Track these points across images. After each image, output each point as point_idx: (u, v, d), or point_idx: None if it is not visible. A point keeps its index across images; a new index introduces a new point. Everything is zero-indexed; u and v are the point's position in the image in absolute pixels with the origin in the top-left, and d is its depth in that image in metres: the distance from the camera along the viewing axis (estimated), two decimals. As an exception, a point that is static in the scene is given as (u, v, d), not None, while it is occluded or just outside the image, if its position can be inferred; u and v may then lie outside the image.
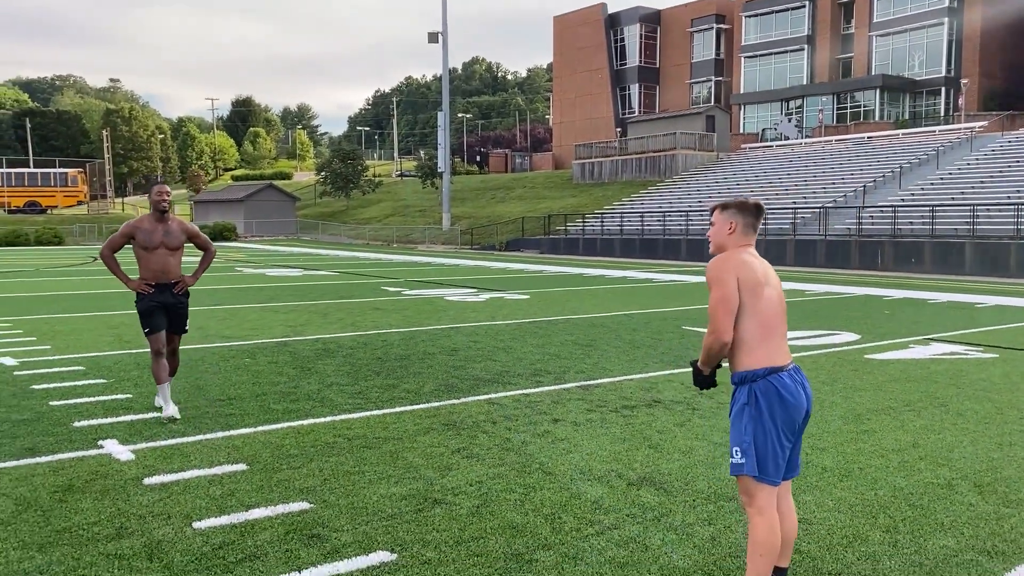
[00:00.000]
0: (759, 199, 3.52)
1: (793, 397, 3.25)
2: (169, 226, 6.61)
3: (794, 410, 3.26)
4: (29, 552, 3.84)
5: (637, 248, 36.27)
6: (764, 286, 3.29)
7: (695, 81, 63.22)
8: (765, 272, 3.35)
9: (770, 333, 3.28)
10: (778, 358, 3.28)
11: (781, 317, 3.36)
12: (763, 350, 3.26)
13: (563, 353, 9.63)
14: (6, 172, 62.57)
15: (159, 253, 6.55)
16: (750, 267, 3.29)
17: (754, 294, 3.27)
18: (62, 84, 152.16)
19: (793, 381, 3.28)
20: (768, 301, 3.29)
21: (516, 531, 4.16)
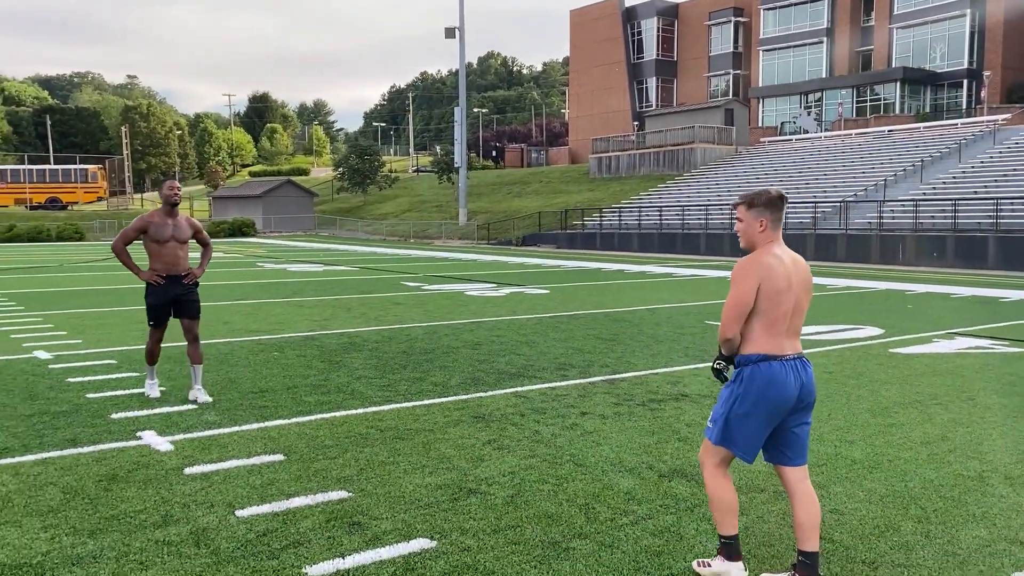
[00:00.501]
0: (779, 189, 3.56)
1: (780, 384, 3.40)
2: (178, 220, 6.89)
3: (779, 396, 3.41)
4: (81, 538, 3.96)
5: (655, 243, 36.24)
6: (785, 292, 3.42)
7: (713, 74, 62.96)
8: (789, 276, 3.45)
9: (774, 329, 3.44)
10: (777, 348, 3.45)
11: (794, 315, 3.49)
12: (763, 341, 3.44)
13: (587, 347, 9.69)
14: (28, 168, 63.28)
15: (170, 246, 6.81)
16: (775, 275, 3.42)
17: (772, 301, 3.42)
18: (81, 81, 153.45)
19: (786, 370, 3.43)
20: (784, 306, 3.43)
21: (551, 520, 4.24)
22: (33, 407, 6.57)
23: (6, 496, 4.52)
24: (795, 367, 3.46)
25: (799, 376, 3.46)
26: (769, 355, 3.44)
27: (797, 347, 3.52)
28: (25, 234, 45.14)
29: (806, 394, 3.49)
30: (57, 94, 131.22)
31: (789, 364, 3.45)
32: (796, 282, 3.48)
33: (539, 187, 56.72)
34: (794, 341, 3.52)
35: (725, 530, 3.56)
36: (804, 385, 3.48)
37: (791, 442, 3.56)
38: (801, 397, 3.47)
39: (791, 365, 3.45)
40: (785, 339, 3.47)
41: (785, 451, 3.58)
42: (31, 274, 21.64)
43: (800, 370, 3.48)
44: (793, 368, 3.45)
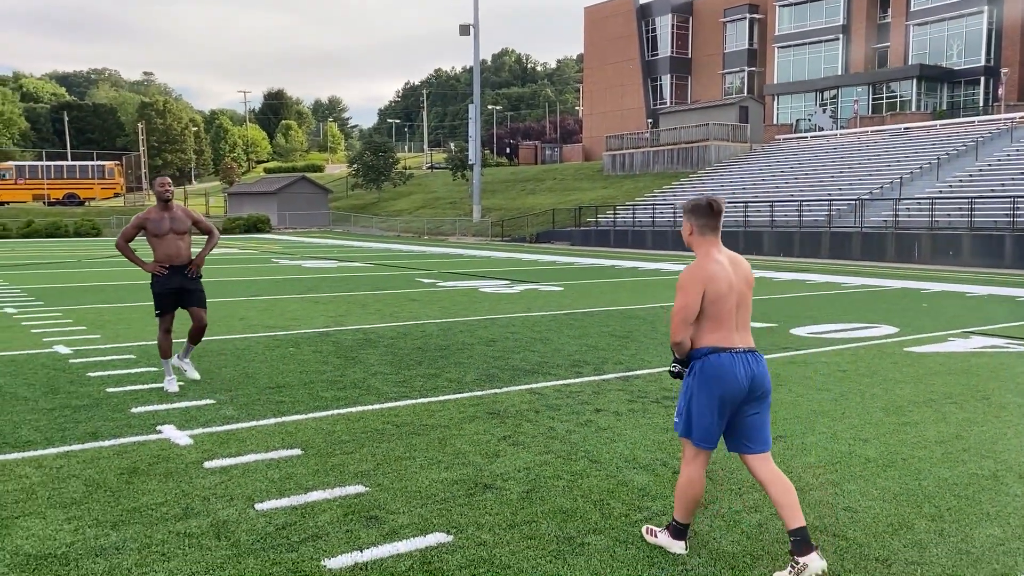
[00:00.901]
0: (715, 198, 3.82)
1: (730, 375, 3.63)
2: (174, 213, 7.22)
3: (729, 386, 3.63)
4: (104, 530, 4.03)
5: (669, 240, 36.17)
6: (727, 294, 3.67)
7: (728, 72, 62.72)
8: (729, 278, 3.68)
9: (720, 326, 3.68)
10: (725, 342, 3.68)
11: (737, 312, 3.72)
12: (712, 336, 3.69)
13: (601, 344, 9.72)
14: (46, 165, 63.79)
15: (169, 239, 7.15)
16: (717, 280, 3.66)
17: (716, 305, 3.67)
18: (98, 78, 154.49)
19: (734, 362, 3.65)
20: (727, 305, 3.68)
21: (567, 516, 4.28)
22: (54, 401, 6.66)
23: (30, 488, 4.60)
24: (745, 359, 3.67)
25: (749, 368, 3.67)
26: (718, 348, 3.67)
27: (748, 341, 3.74)
28: (43, 230, 45.53)
29: (757, 385, 3.69)
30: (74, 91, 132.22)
31: (739, 356, 3.67)
32: (736, 281, 3.71)
33: (553, 184, 56.71)
34: (744, 335, 3.73)
35: (680, 517, 3.85)
36: (755, 376, 3.68)
37: (748, 431, 3.76)
38: (752, 388, 3.68)
39: (741, 358, 3.67)
40: (734, 333, 3.70)
41: (744, 440, 3.78)
42: (49, 269, 21.86)
43: (751, 362, 3.69)
44: (743, 360, 3.67)
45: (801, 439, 5.76)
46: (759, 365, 3.72)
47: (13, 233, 44.63)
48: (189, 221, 7.32)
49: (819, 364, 8.59)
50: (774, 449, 5.47)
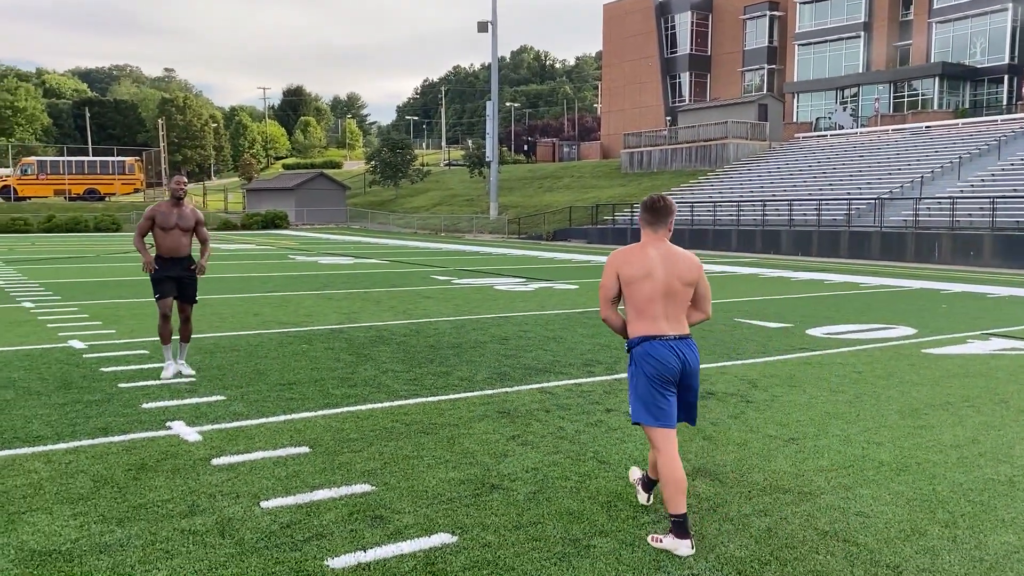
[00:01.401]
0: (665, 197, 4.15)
1: (661, 358, 3.93)
2: (183, 211, 7.64)
3: (662, 368, 3.94)
4: (109, 526, 4.03)
5: (687, 239, 35.97)
6: (643, 280, 3.94)
7: (747, 69, 62.31)
8: (650, 267, 3.95)
9: (644, 314, 3.97)
10: (653, 330, 3.97)
11: (659, 301, 3.96)
12: (639, 325, 4.00)
13: (614, 343, 9.65)
14: (67, 160, 64.35)
15: (174, 233, 7.57)
16: (632, 265, 3.97)
17: (630, 287, 3.97)
18: (119, 74, 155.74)
19: (664, 347, 3.95)
20: (643, 291, 3.95)
21: (573, 517, 4.24)
22: (67, 396, 6.69)
23: (38, 483, 4.62)
24: (674, 346, 3.97)
25: (679, 353, 3.97)
26: (647, 336, 3.97)
27: (680, 329, 4.01)
28: (64, 224, 45.95)
29: (689, 369, 4.02)
30: (96, 87, 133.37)
31: (668, 343, 3.96)
32: (665, 273, 3.95)
33: (570, 182, 56.58)
34: (674, 324, 3.99)
35: (674, 509, 3.90)
36: (685, 361, 3.99)
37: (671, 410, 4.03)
38: (684, 371, 4.00)
39: (670, 344, 3.96)
40: (664, 322, 3.98)
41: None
42: (68, 264, 22.04)
43: (681, 348, 3.99)
44: (673, 346, 3.96)
45: (814, 441, 5.68)
46: (690, 351, 4.01)
47: (34, 228, 45.07)
48: (194, 220, 7.71)
49: (834, 365, 8.49)
50: (786, 451, 5.42)
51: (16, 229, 44.62)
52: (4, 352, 8.65)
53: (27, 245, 32.15)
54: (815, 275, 20.90)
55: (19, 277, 17.76)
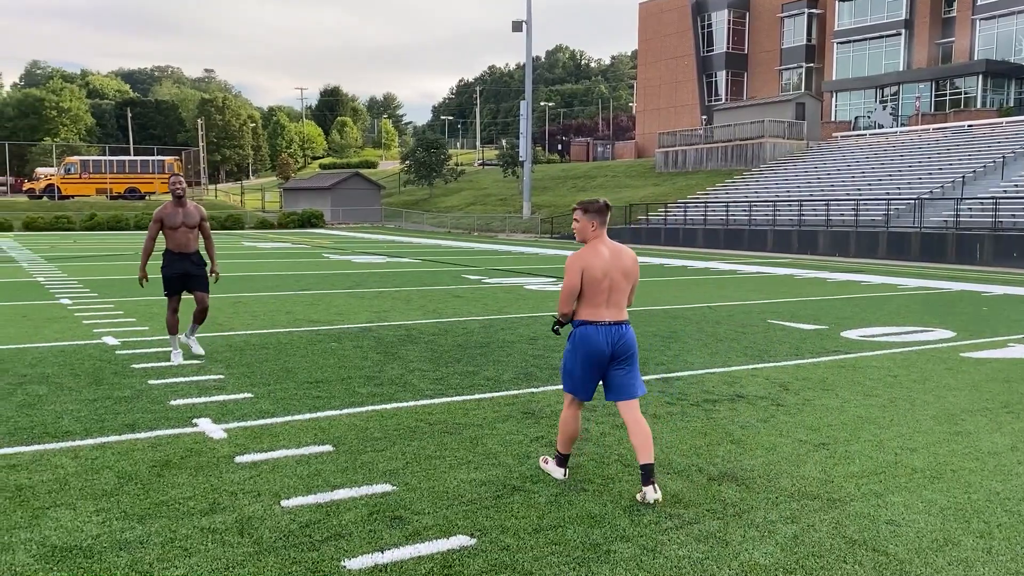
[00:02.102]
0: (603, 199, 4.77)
1: (594, 342, 4.55)
2: (187, 209, 8.24)
3: (594, 350, 4.56)
4: (130, 523, 4.05)
5: (721, 239, 35.63)
6: (601, 279, 4.54)
7: (785, 68, 61.53)
8: (606, 267, 4.54)
9: (592, 303, 4.57)
10: (594, 316, 4.57)
11: (605, 293, 4.55)
12: (585, 311, 4.60)
13: (643, 344, 9.55)
14: (108, 159, 65.52)
15: (180, 231, 8.19)
16: (594, 267, 4.54)
17: (590, 285, 4.55)
18: (161, 75, 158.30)
19: (598, 332, 4.56)
20: (600, 288, 4.54)
21: (594, 521, 4.17)
22: (97, 392, 6.77)
23: (64, 479, 4.66)
24: (609, 331, 4.57)
25: (611, 336, 4.57)
26: (588, 321, 4.58)
27: (617, 316, 4.61)
28: (105, 223, 46.76)
29: (621, 350, 4.60)
30: (138, 87, 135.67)
31: (604, 328, 4.56)
32: (612, 269, 4.56)
33: (604, 181, 56.32)
34: (614, 311, 4.60)
35: (561, 448, 4.82)
36: (616, 343, 4.58)
37: (616, 385, 4.66)
38: (616, 352, 4.60)
39: (606, 330, 4.57)
40: (604, 310, 4.58)
41: (614, 391, 4.68)
42: (107, 262, 22.41)
43: (615, 332, 4.58)
44: (608, 331, 4.57)
45: (845, 447, 5.55)
46: (624, 333, 4.61)
47: (77, 226, 45.94)
48: (198, 217, 8.32)
49: (869, 368, 8.31)
50: (815, 456, 5.30)
51: (59, 227, 45.53)
52: (40, 348, 8.79)
53: (69, 243, 32.77)
54: (852, 276, 20.54)
55: (60, 274, 18.08)
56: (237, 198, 71.09)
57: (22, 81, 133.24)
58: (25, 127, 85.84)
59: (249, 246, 31.94)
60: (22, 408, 6.21)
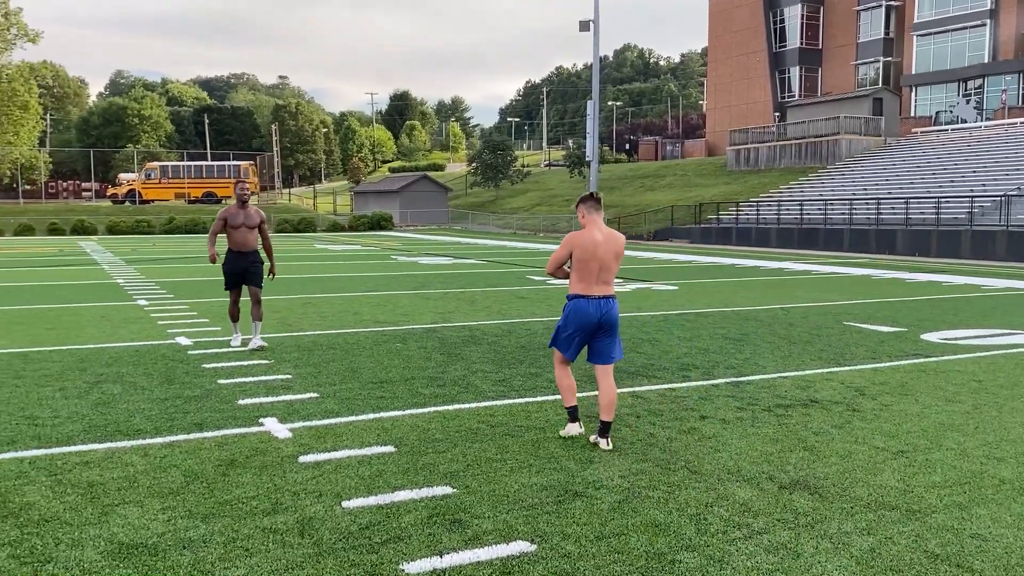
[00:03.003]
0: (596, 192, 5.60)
1: (584, 313, 5.36)
2: (249, 212, 9.11)
3: (584, 320, 5.37)
4: (194, 521, 4.09)
5: (795, 238, 34.76)
6: (590, 259, 5.32)
7: (861, 62, 59.74)
8: (594, 247, 5.32)
9: (583, 279, 5.36)
10: (586, 291, 5.36)
11: (595, 271, 5.34)
12: (578, 286, 5.40)
13: (712, 347, 9.33)
14: (187, 165, 67.69)
15: (241, 230, 9.08)
16: (582, 246, 5.34)
17: (579, 260, 5.35)
18: (236, 82, 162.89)
19: (589, 304, 5.35)
20: (586, 265, 5.33)
21: (659, 529, 4.04)
22: (168, 391, 6.92)
23: (133, 476, 4.75)
24: (598, 303, 5.35)
25: (600, 309, 5.35)
26: (579, 295, 5.38)
27: (606, 291, 5.39)
28: (183, 226, 48.28)
29: (606, 321, 5.39)
30: (215, 94, 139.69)
31: (593, 301, 5.34)
32: (602, 251, 5.33)
33: (673, 180, 55.61)
34: (602, 287, 5.38)
35: (567, 403, 5.62)
36: (603, 315, 5.36)
37: (598, 350, 5.49)
38: (602, 323, 5.38)
39: (595, 303, 5.34)
40: (595, 285, 5.36)
41: (596, 356, 5.50)
42: (183, 264, 23.07)
43: (602, 305, 5.36)
44: (596, 304, 5.34)
45: (926, 455, 5.28)
46: (609, 307, 5.39)
47: (156, 229, 47.55)
48: (258, 219, 9.17)
49: (952, 373, 7.93)
50: (894, 464, 5.05)
51: (140, 231, 47.20)
52: (117, 348, 9.06)
53: (148, 246, 33.89)
54: (933, 276, 19.77)
55: (138, 276, 18.68)
56: (310, 202, 72.57)
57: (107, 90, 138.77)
58: (109, 134, 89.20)
59: (321, 248, 32.52)
60: (97, 406, 6.38)
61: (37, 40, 67.41)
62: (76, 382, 7.24)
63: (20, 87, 67.97)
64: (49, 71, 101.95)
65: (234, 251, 9.12)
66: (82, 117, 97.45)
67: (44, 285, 16.47)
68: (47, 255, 27.06)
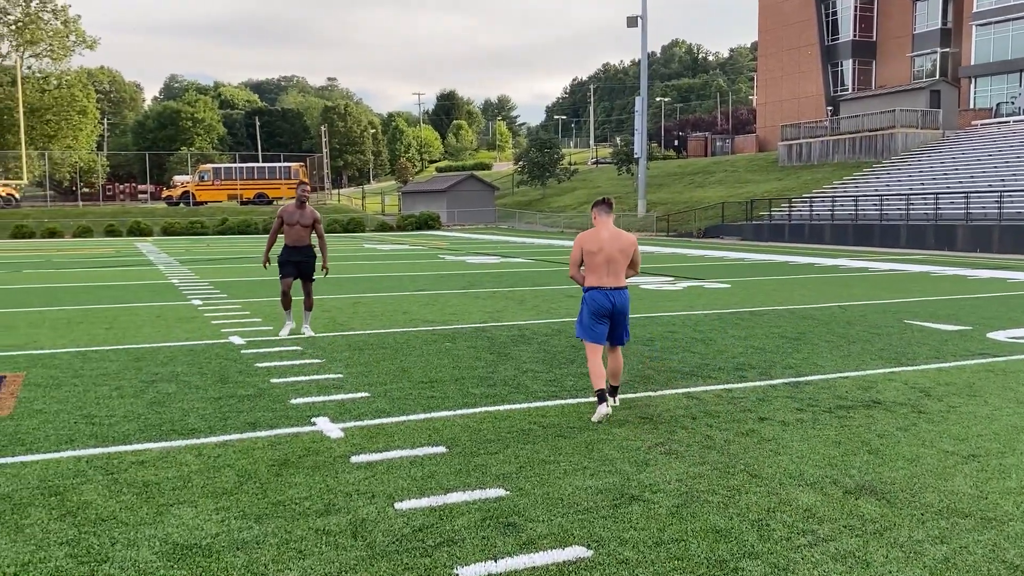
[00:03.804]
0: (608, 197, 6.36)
1: (598, 301, 6.07)
2: (304, 211, 9.96)
3: (599, 307, 6.06)
4: (248, 522, 4.08)
5: (850, 235, 34.00)
6: (597, 253, 6.06)
7: (917, 54, 58.20)
8: (602, 242, 6.08)
9: (594, 273, 6.11)
10: (597, 283, 6.09)
11: (603, 265, 6.08)
12: (591, 279, 6.14)
13: (769, 346, 9.11)
14: (239, 166, 68.79)
15: (296, 228, 9.92)
16: (590, 243, 6.10)
17: (589, 256, 6.11)
18: (287, 85, 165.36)
19: (602, 295, 6.07)
20: (595, 260, 6.08)
21: (720, 536, 3.91)
22: (222, 390, 6.97)
23: (187, 476, 4.76)
24: (609, 294, 6.07)
25: (611, 298, 6.07)
26: (593, 287, 6.12)
27: (616, 283, 6.10)
28: (236, 227, 49.08)
29: (619, 308, 6.11)
30: (265, 97, 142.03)
31: (605, 292, 6.07)
32: (607, 247, 6.06)
33: (723, 176, 54.87)
34: (612, 279, 6.10)
35: (596, 386, 6.02)
36: (615, 303, 6.08)
37: (612, 334, 6.18)
38: (615, 311, 6.09)
39: (606, 293, 6.07)
40: (606, 277, 6.09)
41: (609, 338, 6.19)
42: (236, 264, 23.41)
43: (613, 295, 6.08)
44: (608, 294, 6.07)
45: (999, 459, 5.05)
46: (620, 297, 6.11)
47: (210, 230, 48.42)
48: (312, 219, 9.99)
49: (1022, 373, 7.61)
50: (965, 469, 4.83)
51: (194, 231, 48.12)
52: (171, 347, 9.18)
53: (202, 246, 34.51)
54: (996, 273, 19.13)
55: (192, 276, 18.99)
56: (358, 202, 73.27)
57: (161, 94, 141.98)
58: (164, 138, 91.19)
59: (369, 248, 32.76)
60: (152, 405, 6.45)
61: (95, 46, 69.26)
62: (132, 381, 7.34)
63: (79, 92, 69.92)
64: (106, 76, 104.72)
65: (289, 246, 9.97)
66: (138, 121, 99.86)
67: (102, 285, 16.84)
68: (105, 256, 27.72)
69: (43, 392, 6.92)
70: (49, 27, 67.28)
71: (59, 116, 68.04)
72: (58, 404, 6.49)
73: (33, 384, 7.23)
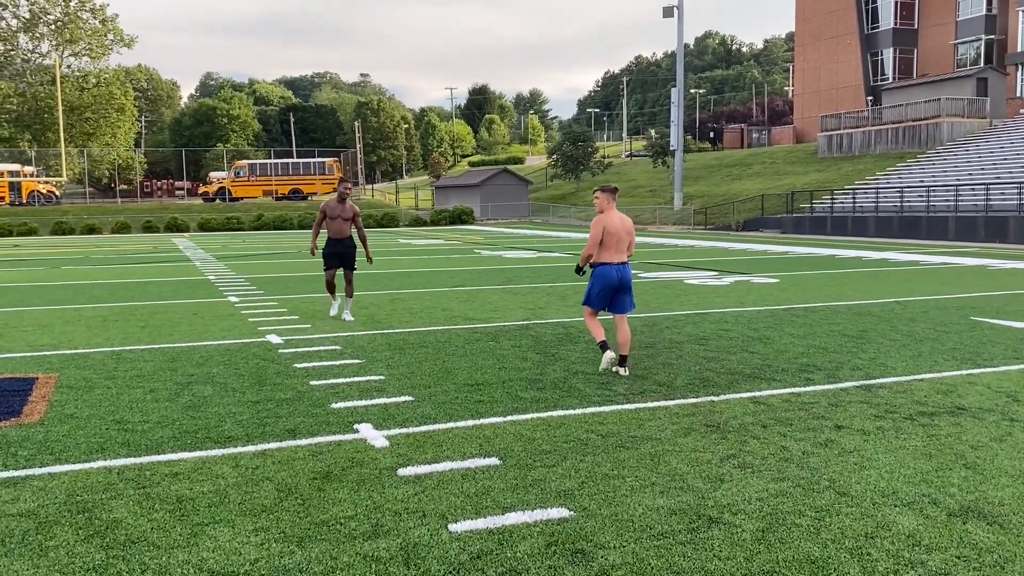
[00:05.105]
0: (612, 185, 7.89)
1: (607, 275, 7.13)
2: (345, 206, 10.86)
3: (607, 280, 7.13)
4: (290, 546, 3.71)
5: (895, 227, 33.07)
6: (614, 234, 7.08)
7: (961, 41, 56.63)
8: (615, 227, 7.12)
9: (606, 251, 7.13)
10: (609, 259, 7.14)
11: (614, 244, 7.12)
12: (603, 255, 7.15)
13: (831, 345, 8.60)
14: (273, 163, 69.02)
15: (337, 221, 10.84)
16: (610, 225, 7.10)
17: (609, 237, 7.10)
18: (320, 81, 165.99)
19: (611, 268, 7.14)
20: (610, 239, 7.10)
21: (816, 567, 3.47)
22: (260, 393, 6.64)
23: (223, 491, 4.42)
24: (617, 268, 7.13)
25: (619, 272, 7.13)
26: (603, 263, 7.14)
27: (622, 259, 7.18)
28: (271, 223, 49.15)
29: (624, 281, 7.15)
30: (299, 93, 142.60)
31: (614, 267, 7.13)
32: (619, 229, 7.11)
33: (760, 168, 53.86)
34: (620, 255, 7.16)
35: (598, 339, 7.25)
36: (622, 277, 7.14)
37: (617, 303, 7.21)
38: (620, 284, 7.14)
39: (615, 268, 7.13)
40: (615, 254, 7.13)
41: (614, 307, 7.22)
42: (272, 260, 23.25)
43: (620, 269, 7.15)
44: (616, 268, 7.13)
45: (1115, 477, 4.53)
46: (625, 271, 7.17)
47: (246, 226, 48.53)
48: (351, 213, 10.87)
49: (1114, 376, 7.04)
50: None
51: (230, 227, 48.26)
52: (208, 346, 8.89)
53: (238, 242, 34.50)
54: (1057, 266, 18.30)
55: (228, 272, 18.82)
56: (392, 197, 73.19)
57: (197, 92, 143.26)
58: (200, 134, 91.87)
59: (404, 243, 32.51)
60: (187, 410, 6.14)
61: (132, 45, 70.00)
62: (167, 383, 7.05)
63: (117, 90, 70.64)
64: (143, 74, 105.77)
65: (332, 238, 10.89)
66: (174, 118, 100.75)
67: (139, 282, 16.70)
68: (142, 252, 27.74)
69: (75, 395, 6.64)
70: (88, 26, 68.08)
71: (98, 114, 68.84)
72: (90, 408, 6.21)
73: (65, 386, 6.97)
